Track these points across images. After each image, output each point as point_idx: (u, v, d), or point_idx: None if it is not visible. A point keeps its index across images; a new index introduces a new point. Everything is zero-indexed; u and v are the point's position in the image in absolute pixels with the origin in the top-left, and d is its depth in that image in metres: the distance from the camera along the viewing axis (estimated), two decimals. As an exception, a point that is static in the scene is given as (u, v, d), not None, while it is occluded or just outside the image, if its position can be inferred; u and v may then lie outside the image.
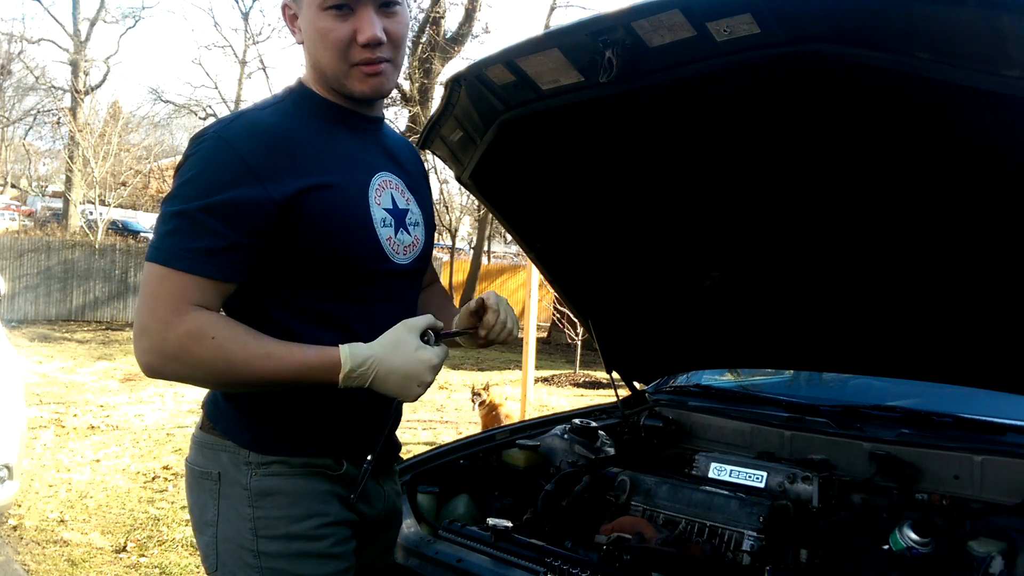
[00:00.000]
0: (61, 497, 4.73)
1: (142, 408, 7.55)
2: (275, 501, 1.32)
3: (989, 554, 1.55)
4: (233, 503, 1.34)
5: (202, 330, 1.21)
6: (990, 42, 1.10)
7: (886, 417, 2.13)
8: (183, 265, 1.21)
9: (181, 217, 1.22)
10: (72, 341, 12.72)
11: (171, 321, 1.20)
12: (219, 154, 1.24)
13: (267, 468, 1.33)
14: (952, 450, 1.89)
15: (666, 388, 2.70)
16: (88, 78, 25.52)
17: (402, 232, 1.41)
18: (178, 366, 1.23)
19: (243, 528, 1.32)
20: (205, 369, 1.23)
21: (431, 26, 18.32)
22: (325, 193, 1.29)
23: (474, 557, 1.68)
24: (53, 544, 3.98)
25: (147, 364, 1.23)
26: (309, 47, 1.34)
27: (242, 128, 1.27)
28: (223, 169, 1.23)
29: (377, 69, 1.33)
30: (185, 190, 1.23)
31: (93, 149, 19.54)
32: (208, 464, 1.37)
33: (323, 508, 1.35)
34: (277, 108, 1.34)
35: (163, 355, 1.22)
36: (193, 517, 1.43)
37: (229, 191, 1.22)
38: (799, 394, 2.60)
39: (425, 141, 1.97)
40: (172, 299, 1.21)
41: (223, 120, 1.30)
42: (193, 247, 1.21)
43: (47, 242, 16.18)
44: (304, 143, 1.31)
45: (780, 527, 1.69)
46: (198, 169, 1.24)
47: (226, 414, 1.38)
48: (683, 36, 1.35)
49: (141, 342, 1.23)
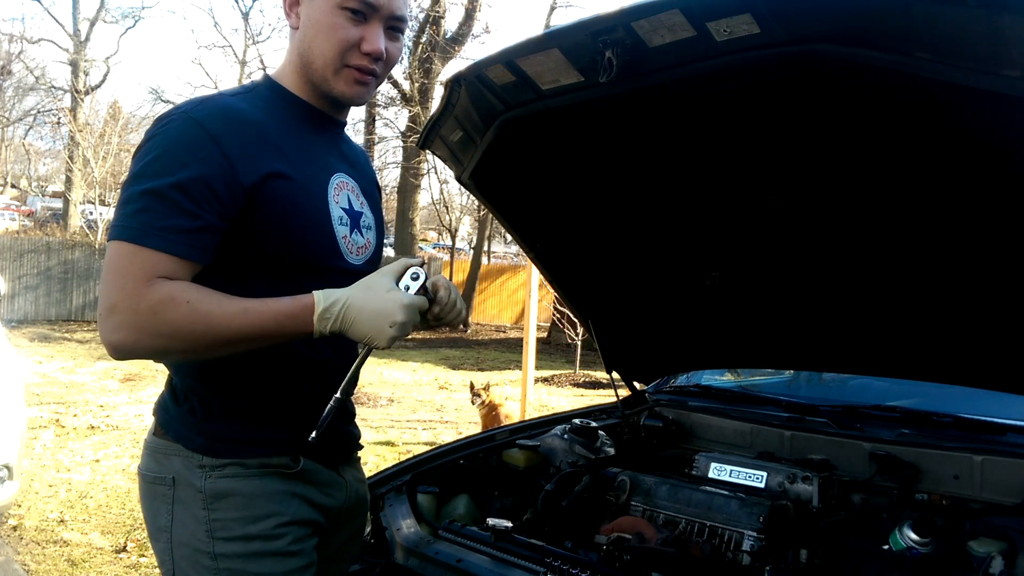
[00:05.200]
0: (61, 497, 4.73)
1: (142, 408, 7.55)
2: (230, 503, 1.32)
3: (989, 554, 1.55)
4: (187, 507, 1.32)
5: (173, 296, 1.18)
6: (990, 42, 1.10)
7: (886, 417, 2.13)
8: (155, 243, 1.18)
9: (151, 195, 1.19)
10: (72, 341, 12.72)
11: (141, 292, 1.17)
12: (188, 132, 1.22)
13: (222, 471, 1.32)
14: (952, 450, 1.89)
15: (666, 388, 2.70)
16: (88, 78, 25.53)
17: (356, 233, 1.43)
18: (153, 337, 1.19)
19: (198, 531, 1.31)
20: (183, 335, 1.19)
21: (431, 26, 18.32)
22: (288, 184, 1.29)
23: (474, 557, 1.68)
24: (53, 544, 3.98)
25: (119, 342, 1.19)
26: (306, 36, 1.34)
27: (211, 110, 1.26)
28: (193, 147, 1.21)
29: (366, 79, 1.36)
30: (154, 168, 1.21)
31: (93, 149, 19.54)
32: (160, 469, 1.36)
33: (280, 508, 1.34)
34: (245, 97, 1.34)
35: (136, 328, 1.18)
36: (148, 524, 1.41)
37: (199, 169, 1.20)
38: (799, 394, 2.60)
39: (425, 141, 1.97)
40: (142, 274, 1.18)
41: (189, 102, 1.29)
42: (166, 225, 1.19)
43: (47, 242, 16.17)
44: (270, 132, 1.31)
45: (780, 527, 1.69)
46: (167, 147, 1.22)
47: (177, 419, 1.37)
48: (683, 36, 1.35)
49: (109, 320, 1.19)
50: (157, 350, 1.23)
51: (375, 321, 1.24)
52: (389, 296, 1.25)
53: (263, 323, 1.22)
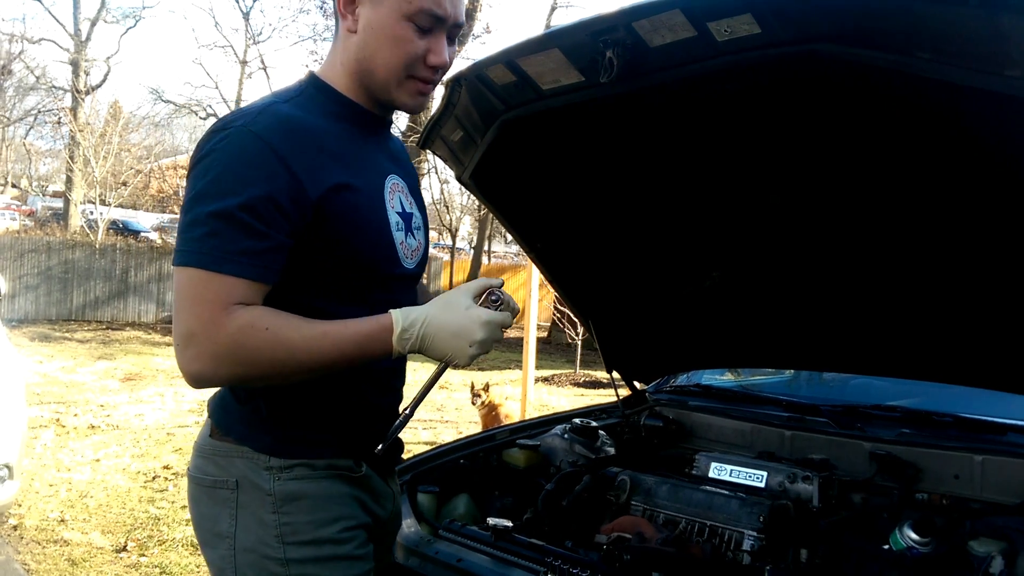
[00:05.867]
0: (61, 496, 4.73)
1: (142, 408, 7.55)
2: (301, 505, 1.28)
3: (989, 554, 1.55)
4: (254, 511, 1.28)
5: (253, 323, 1.15)
6: (991, 42, 1.10)
7: (886, 417, 2.13)
8: (228, 268, 1.15)
9: (219, 218, 1.14)
10: (72, 341, 12.72)
11: (219, 321, 1.14)
12: (250, 147, 1.17)
13: (290, 472, 1.28)
14: (952, 450, 1.89)
15: (666, 388, 2.70)
16: (89, 78, 25.53)
17: (409, 236, 1.39)
18: (233, 366, 1.17)
19: (266, 536, 1.27)
20: (264, 363, 1.17)
21: (431, 26, 18.28)
22: (352, 195, 1.26)
23: (474, 557, 1.68)
24: (53, 544, 3.98)
25: (198, 372, 1.16)
26: (367, 43, 1.28)
27: (270, 121, 1.20)
28: (257, 163, 1.17)
29: (428, 89, 1.33)
30: (218, 187, 1.16)
31: (94, 149, 19.54)
32: (221, 473, 1.31)
33: (347, 511, 1.32)
34: (297, 102, 1.28)
35: (216, 358, 1.15)
36: (201, 530, 1.36)
37: (266, 186, 1.16)
38: (799, 394, 2.60)
39: (426, 141, 1.98)
40: (219, 302, 1.14)
41: (245, 113, 1.22)
42: (237, 248, 1.15)
43: (47, 242, 16.18)
44: (329, 140, 1.26)
45: (780, 527, 1.69)
46: (228, 164, 1.17)
47: (241, 419, 1.32)
48: (684, 36, 1.35)
49: (188, 350, 1.16)
50: (237, 378, 1.20)
51: (455, 340, 1.22)
52: (469, 314, 1.23)
53: (343, 346, 1.20)
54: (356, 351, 1.21)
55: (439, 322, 1.22)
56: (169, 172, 30.67)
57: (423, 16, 1.25)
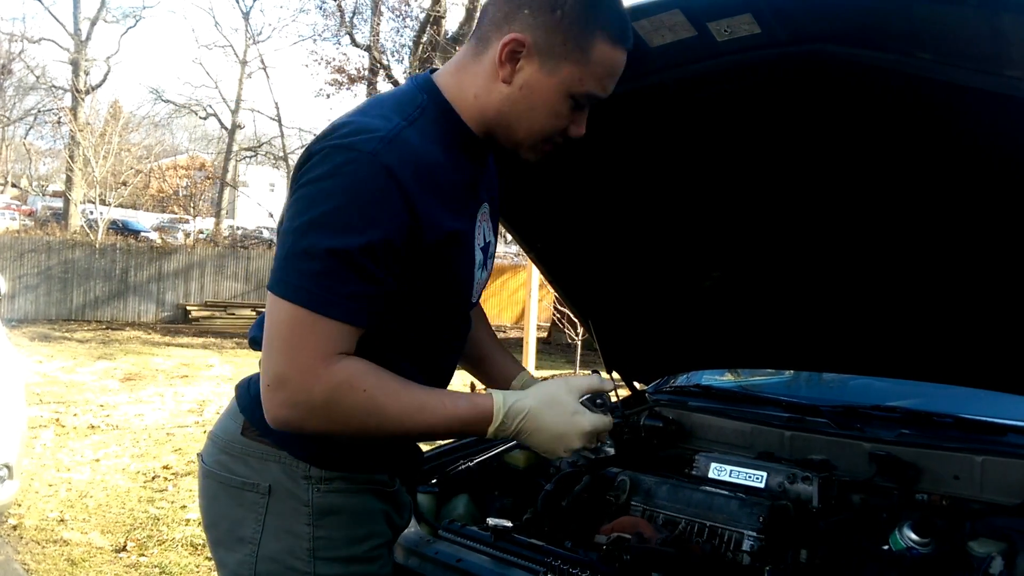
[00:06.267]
0: (61, 496, 4.73)
1: (142, 408, 7.55)
2: (337, 520, 1.24)
3: (989, 554, 1.54)
4: (285, 520, 1.23)
5: (352, 382, 1.10)
6: (991, 42, 1.10)
7: (886, 417, 2.12)
8: (336, 313, 1.08)
9: (338, 257, 1.07)
10: (72, 340, 12.72)
11: (318, 371, 1.08)
12: (378, 181, 1.08)
13: (329, 484, 1.24)
14: (952, 450, 1.88)
15: (666, 388, 2.70)
16: (88, 78, 25.56)
17: (483, 270, 1.36)
18: (322, 421, 1.12)
19: (297, 548, 1.23)
20: (354, 425, 1.13)
21: (432, 26, 18.34)
22: (456, 242, 1.22)
23: (474, 557, 1.68)
24: (53, 543, 3.98)
25: (284, 418, 1.11)
26: (518, 103, 1.21)
27: (402, 153, 1.11)
28: (383, 201, 1.09)
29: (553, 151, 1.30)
30: (340, 220, 1.07)
31: (94, 149, 19.56)
32: (252, 475, 1.26)
33: (378, 528, 1.30)
34: (420, 126, 1.18)
35: (307, 408, 1.10)
36: (217, 530, 1.31)
37: (388, 229, 1.09)
38: (799, 394, 2.59)
39: (425, 141, 1.97)
40: (319, 348, 1.08)
41: (372, 133, 1.11)
42: (347, 292, 1.08)
43: (47, 242, 16.19)
44: (447, 176, 1.20)
45: (780, 527, 1.69)
46: (354, 196, 1.08)
47: None
48: (684, 36, 1.35)
49: (278, 394, 1.10)
50: (323, 432, 1.16)
51: (554, 443, 1.20)
52: (574, 420, 1.19)
53: (435, 424, 1.17)
54: (446, 430, 1.19)
55: (541, 421, 1.18)
56: (169, 172, 30.68)
57: (587, 97, 1.22)
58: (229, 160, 29.45)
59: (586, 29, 1.17)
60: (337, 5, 19.92)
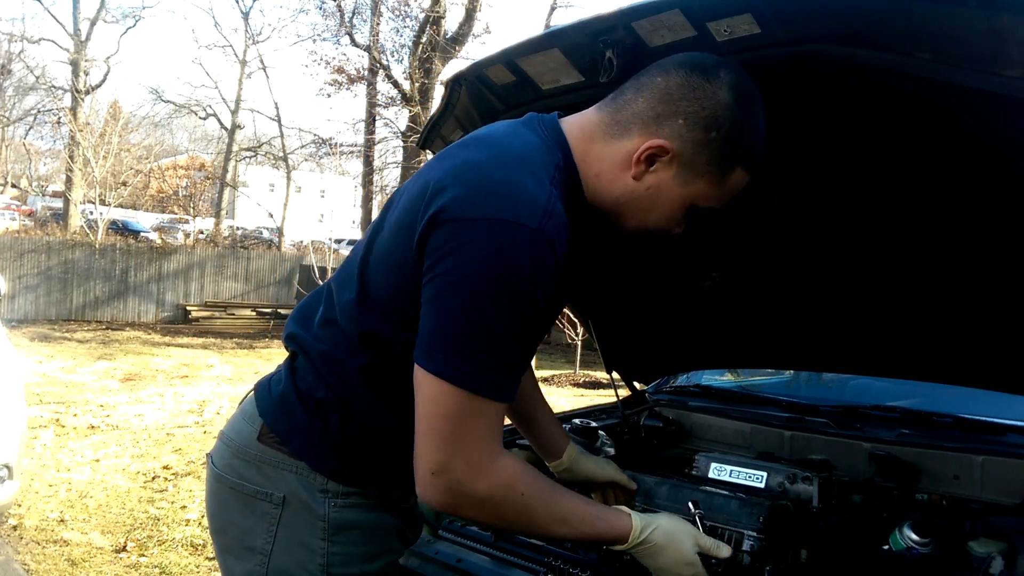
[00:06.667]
0: (61, 497, 4.73)
1: (142, 408, 7.55)
2: (352, 536, 1.22)
3: (989, 554, 1.54)
4: (298, 533, 1.21)
5: (514, 483, 1.11)
6: (990, 42, 1.10)
7: (886, 417, 2.12)
8: (505, 396, 1.08)
9: (511, 340, 1.05)
10: (72, 341, 12.73)
11: (485, 467, 1.08)
12: (546, 259, 1.05)
13: (346, 499, 1.22)
14: (952, 450, 1.88)
15: (666, 388, 2.70)
16: (88, 78, 25.58)
17: None
18: (476, 513, 1.13)
19: (310, 563, 1.21)
20: (504, 523, 1.16)
21: (431, 26, 18.35)
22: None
23: (474, 557, 1.68)
24: (53, 544, 3.98)
25: (441, 504, 1.10)
26: (641, 202, 1.21)
27: (556, 225, 1.08)
28: (547, 277, 1.06)
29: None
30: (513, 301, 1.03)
31: (93, 149, 19.57)
32: (267, 484, 1.23)
33: (391, 545, 1.29)
34: (559, 192, 1.13)
35: (466, 503, 1.10)
36: (226, 537, 1.29)
37: (544, 307, 1.07)
38: (799, 394, 2.60)
39: (425, 141, 1.97)
40: (487, 438, 1.08)
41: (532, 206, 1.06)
42: (516, 372, 1.08)
43: (47, 242, 16.20)
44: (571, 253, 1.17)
45: (780, 527, 1.69)
46: (530, 276, 1.04)
47: (305, 432, 1.23)
48: (683, 36, 1.35)
49: (439, 479, 1.07)
50: (472, 517, 1.18)
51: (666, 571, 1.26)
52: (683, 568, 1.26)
53: (574, 537, 1.21)
54: (583, 541, 1.25)
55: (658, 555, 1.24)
56: (169, 172, 30.69)
57: (706, 211, 1.24)
58: (229, 160, 29.47)
59: (731, 155, 1.18)
60: (337, 5, 19.92)
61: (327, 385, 1.23)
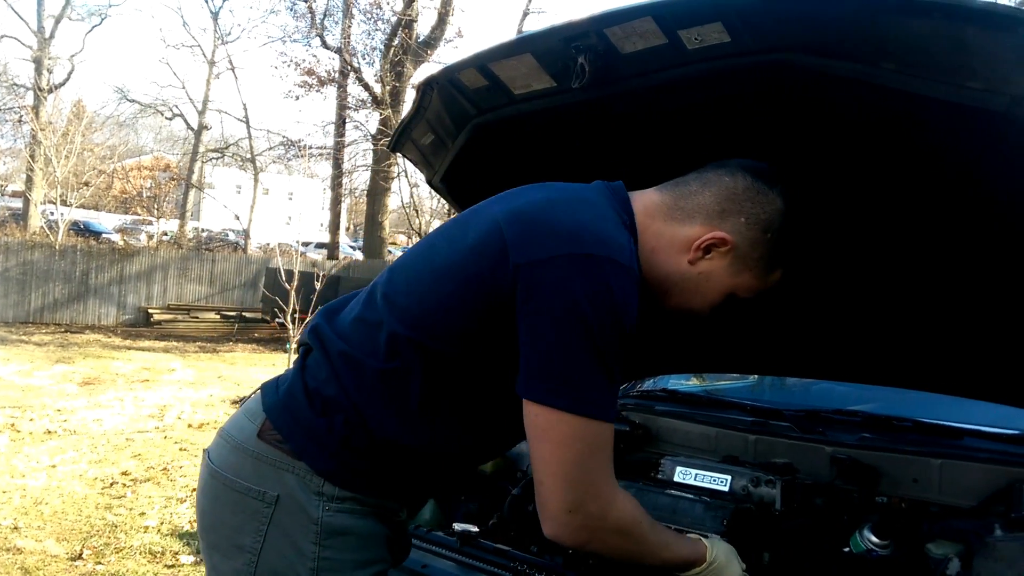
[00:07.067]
0: (15, 503, 4.60)
1: (101, 412, 7.39)
2: (345, 542, 1.21)
3: (947, 556, 1.58)
4: (289, 534, 1.20)
5: (637, 521, 1.20)
6: (954, 54, 1.13)
7: (847, 421, 2.16)
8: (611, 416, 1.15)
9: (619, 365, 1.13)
10: (30, 343, 12.41)
11: (612, 499, 1.16)
12: (634, 291, 1.15)
13: (341, 504, 1.21)
14: (911, 454, 1.92)
15: (633, 392, 2.71)
16: (52, 76, 25.05)
17: None
18: (600, 547, 1.20)
19: (299, 566, 1.19)
20: (616, 552, 1.22)
21: (403, 29, 18.31)
22: None
23: (440, 563, 1.67)
24: (6, 552, 3.87)
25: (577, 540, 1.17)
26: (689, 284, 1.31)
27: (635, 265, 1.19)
28: (634, 307, 1.15)
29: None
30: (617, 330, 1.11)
31: (55, 148, 19.17)
32: (261, 482, 1.21)
33: (383, 554, 1.27)
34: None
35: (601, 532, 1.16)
36: (215, 534, 1.27)
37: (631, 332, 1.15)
38: (763, 398, 2.62)
39: (396, 144, 1.97)
40: (608, 468, 1.15)
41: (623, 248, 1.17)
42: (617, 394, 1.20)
43: (5, 243, 15.80)
44: None
45: (743, 530, 1.70)
46: (623, 305, 1.12)
47: (308, 431, 1.21)
48: (655, 43, 1.36)
49: (576, 518, 1.13)
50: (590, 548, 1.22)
51: None
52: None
53: (668, 561, 1.27)
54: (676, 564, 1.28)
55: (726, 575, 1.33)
56: (133, 172, 30.15)
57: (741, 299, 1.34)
58: (195, 161, 29.03)
59: (777, 256, 1.32)
60: (308, 7, 19.79)
61: (340, 384, 1.22)
